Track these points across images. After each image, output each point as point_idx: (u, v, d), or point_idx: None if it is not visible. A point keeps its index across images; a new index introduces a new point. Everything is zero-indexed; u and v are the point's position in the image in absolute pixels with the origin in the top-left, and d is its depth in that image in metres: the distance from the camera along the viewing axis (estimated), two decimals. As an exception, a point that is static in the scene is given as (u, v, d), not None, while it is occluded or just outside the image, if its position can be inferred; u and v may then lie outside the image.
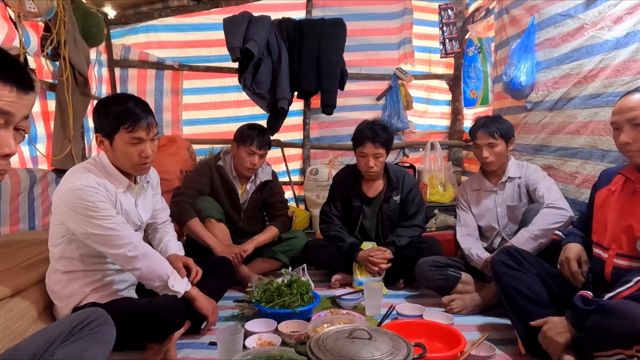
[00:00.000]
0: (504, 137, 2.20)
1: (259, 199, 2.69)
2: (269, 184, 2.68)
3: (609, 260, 1.53)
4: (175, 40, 3.74)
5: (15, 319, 1.47)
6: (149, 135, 1.64)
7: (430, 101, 4.29)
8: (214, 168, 2.57)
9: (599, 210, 1.62)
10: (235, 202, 2.60)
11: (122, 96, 1.72)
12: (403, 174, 2.60)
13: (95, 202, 1.54)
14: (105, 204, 1.57)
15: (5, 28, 2.29)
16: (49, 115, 2.76)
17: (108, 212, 1.57)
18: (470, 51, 3.53)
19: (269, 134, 2.60)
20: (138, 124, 1.60)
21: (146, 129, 1.62)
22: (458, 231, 2.38)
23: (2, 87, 0.81)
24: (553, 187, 2.15)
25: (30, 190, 2.34)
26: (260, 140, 2.47)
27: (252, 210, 2.68)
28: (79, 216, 1.53)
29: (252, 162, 2.48)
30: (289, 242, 2.67)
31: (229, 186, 2.57)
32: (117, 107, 1.60)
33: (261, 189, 2.67)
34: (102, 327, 1.23)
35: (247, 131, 2.49)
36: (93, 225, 1.54)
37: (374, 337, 1.34)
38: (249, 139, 2.45)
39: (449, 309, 2.11)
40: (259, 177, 2.63)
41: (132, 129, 1.59)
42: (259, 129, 2.54)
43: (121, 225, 1.59)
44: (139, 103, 1.64)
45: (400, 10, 3.91)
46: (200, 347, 1.77)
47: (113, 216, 1.59)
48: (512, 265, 1.73)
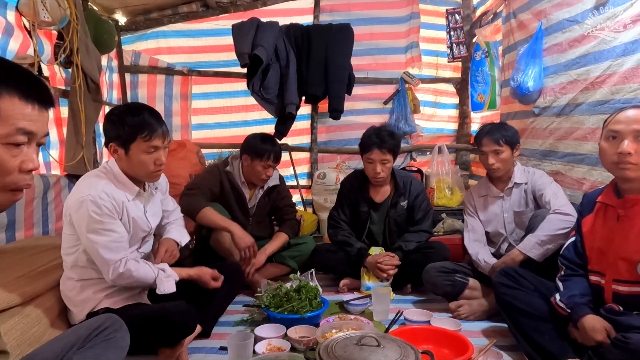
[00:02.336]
0: (509, 144, 2.21)
1: (267, 204, 2.72)
2: (277, 188, 2.71)
3: (607, 286, 1.52)
4: (185, 45, 3.78)
5: (32, 324, 1.51)
6: (164, 143, 1.69)
7: (437, 105, 4.29)
8: (223, 172, 2.59)
9: (588, 239, 1.61)
10: (243, 207, 2.63)
11: (136, 106, 1.75)
12: (410, 179, 2.62)
13: (99, 215, 1.58)
14: (110, 217, 1.62)
15: (21, 37, 2.34)
16: (61, 121, 2.81)
17: (110, 226, 1.61)
18: (478, 55, 3.53)
19: (278, 143, 2.62)
20: (155, 133, 1.65)
21: (162, 137, 1.67)
22: (465, 237, 2.39)
23: (25, 105, 0.84)
24: (559, 193, 2.15)
25: (44, 196, 2.39)
26: (276, 154, 2.51)
27: (261, 215, 2.71)
28: (84, 227, 1.58)
29: (267, 175, 2.53)
30: (298, 248, 2.69)
31: (238, 191, 2.60)
32: (134, 118, 1.64)
33: (269, 193, 2.69)
34: (116, 334, 1.27)
35: (262, 145, 2.48)
36: (90, 239, 1.59)
37: (382, 344, 1.36)
38: (265, 153, 2.45)
39: (457, 314, 2.12)
40: (267, 182, 2.65)
41: (149, 138, 1.64)
42: (271, 141, 2.55)
43: (116, 245, 1.62)
44: (153, 113, 1.69)
45: (407, 14, 3.93)
46: (211, 351, 1.80)
47: (114, 232, 1.62)
48: (511, 285, 1.75)
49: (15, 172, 0.85)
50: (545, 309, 1.66)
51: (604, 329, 1.43)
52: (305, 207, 3.90)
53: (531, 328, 1.65)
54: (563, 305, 1.57)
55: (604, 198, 1.58)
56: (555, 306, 1.61)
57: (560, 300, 1.59)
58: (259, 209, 2.68)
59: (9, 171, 0.84)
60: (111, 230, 1.61)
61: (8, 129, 0.82)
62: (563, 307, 1.57)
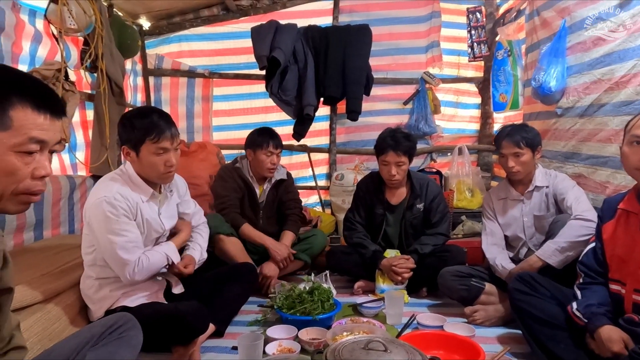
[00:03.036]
0: (530, 146, 2.15)
1: (275, 198, 2.77)
2: (284, 182, 2.78)
3: (627, 296, 1.46)
4: (206, 48, 3.86)
5: (53, 321, 1.58)
6: (173, 145, 1.73)
7: (459, 105, 4.22)
8: (233, 170, 2.67)
9: (609, 246, 1.55)
10: (254, 201, 2.69)
11: (145, 109, 1.80)
12: (427, 181, 2.59)
13: (115, 215, 1.64)
14: (126, 217, 1.67)
15: (48, 44, 2.45)
16: (87, 124, 2.92)
17: (126, 226, 1.66)
18: (500, 54, 3.45)
19: (278, 134, 2.69)
20: (163, 135, 1.68)
21: (170, 139, 1.71)
22: (483, 240, 2.34)
23: (37, 115, 0.88)
24: (582, 197, 2.08)
25: (70, 196, 2.49)
26: (275, 141, 2.59)
27: (270, 209, 2.77)
28: (102, 228, 1.64)
29: (272, 162, 2.59)
30: (308, 241, 2.74)
31: (248, 187, 2.67)
32: (143, 120, 1.68)
33: (277, 187, 2.76)
34: (129, 332, 1.31)
35: (259, 137, 2.61)
36: (109, 239, 1.64)
37: (389, 349, 1.36)
38: (264, 143, 2.57)
39: (472, 320, 2.09)
40: (275, 177, 2.72)
41: (157, 140, 1.68)
42: (268, 131, 2.66)
43: (133, 244, 1.68)
44: (162, 115, 1.73)
45: (428, 13, 3.88)
46: (223, 351, 1.83)
47: (129, 231, 1.67)
48: (526, 291, 1.71)
49: (28, 179, 0.89)
50: (562, 317, 1.61)
51: (621, 340, 1.38)
52: (324, 208, 3.91)
53: (546, 336, 1.61)
54: (580, 314, 1.52)
55: (626, 205, 1.52)
56: (571, 315, 1.55)
57: (577, 309, 1.53)
58: (268, 203, 2.74)
59: (22, 178, 0.88)
60: (127, 230, 1.66)
61: (21, 138, 0.86)
62: (580, 317, 1.52)
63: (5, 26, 2.08)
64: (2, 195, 0.87)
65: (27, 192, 0.90)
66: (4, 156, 0.85)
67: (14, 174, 0.87)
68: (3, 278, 1.02)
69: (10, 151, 0.86)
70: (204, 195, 3.33)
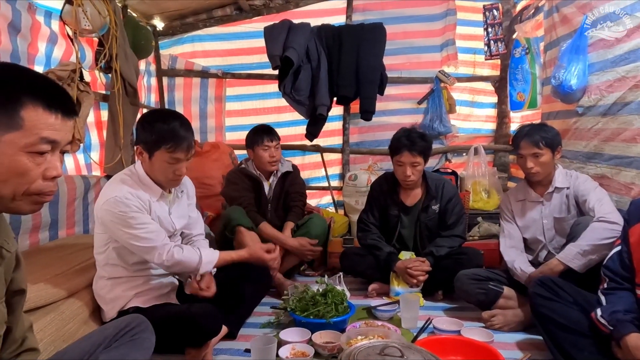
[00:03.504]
0: (549, 146, 2.08)
1: (282, 190, 2.81)
2: (290, 174, 2.81)
3: None
4: (219, 49, 3.85)
5: (67, 321, 1.58)
6: (187, 156, 1.71)
7: (474, 104, 4.14)
8: (239, 171, 2.73)
9: (636, 250, 1.47)
10: (262, 195, 2.74)
11: (168, 114, 1.78)
12: (442, 182, 2.54)
13: (129, 213, 1.63)
14: (139, 213, 1.66)
15: (64, 45, 2.47)
16: (101, 124, 2.93)
17: (142, 219, 1.66)
18: (517, 52, 3.37)
19: (274, 128, 2.75)
20: (179, 147, 1.67)
21: (186, 150, 1.69)
22: (502, 243, 2.28)
23: (49, 115, 0.87)
24: (605, 199, 2.01)
25: (85, 196, 2.51)
26: (268, 135, 2.66)
27: (277, 202, 2.81)
28: (118, 226, 1.64)
29: (270, 155, 2.65)
30: (306, 225, 2.74)
31: (256, 183, 2.72)
32: (163, 126, 1.66)
33: (283, 180, 2.80)
34: (142, 334, 1.30)
35: (253, 135, 2.71)
36: (129, 235, 1.64)
37: (405, 355, 1.32)
38: (258, 139, 2.65)
39: (490, 324, 2.03)
40: (280, 170, 2.77)
41: (173, 150, 1.67)
42: (261, 128, 2.73)
43: (155, 233, 1.68)
44: (183, 124, 1.71)
45: (443, 11, 3.81)
46: (236, 353, 1.81)
47: (148, 223, 1.67)
48: (548, 296, 1.65)
49: (39, 179, 0.88)
50: (585, 324, 1.55)
51: None
52: (337, 208, 3.87)
53: (569, 343, 1.55)
54: (605, 321, 1.46)
55: None
56: (595, 322, 1.49)
57: (601, 316, 1.47)
58: (276, 196, 2.79)
59: (33, 179, 0.87)
60: (144, 223, 1.66)
61: (32, 138, 0.85)
62: (605, 324, 1.45)
63: (22, 27, 2.10)
64: (14, 196, 0.87)
65: (39, 193, 0.89)
66: (15, 156, 0.84)
67: (26, 175, 0.86)
68: (16, 279, 1.02)
69: (21, 151, 0.85)
70: (217, 195, 3.32)
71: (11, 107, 0.83)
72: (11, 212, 0.91)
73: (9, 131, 0.83)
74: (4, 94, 0.83)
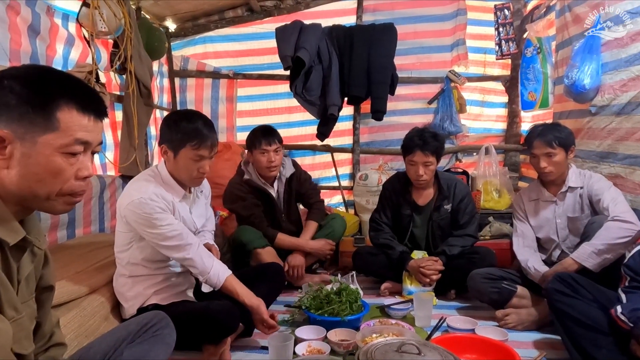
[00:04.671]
0: (563, 146, 2.08)
1: (290, 194, 2.73)
2: (294, 175, 2.70)
3: None
4: (231, 50, 3.89)
5: (89, 317, 1.61)
6: (211, 154, 1.75)
7: (485, 104, 4.14)
8: (244, 183, 2.58)
9: None
10: (273, 204, 2.65)
11: (192, 114, 1.80)
12: (455, 182, 2.54)
13: (154, 214, 1.66)
14: (164, 213, 1.69)
15: (80, 47, 2.51)
16: (116, 125, 2.98)
17: (168, 220, 1.68)
18: (529, 52, 3.36)
19: (276, 130, 2.59)
20: (204, 144, 1.71)
21: (210, 148, 1.73)
22: (515, 242, 2.29)
23: (82, 116, 0.90)
24: (619, 199, 2.01)
25: (101, 195, 2.54)
26: (266, 138, 2.48)
27: (289, 207, 2.75)
28: (143, 227, 1.67)
29: (269, 160, 2.48)
30: (329, 225, 2.73)
31: (263, 192, 2.61)
32: (188, 125, 1.71)
33: (289, 183, 2.71)
34: (164, 330, 1.33)
35: (252, 137, 2.54)
36: (155, 234, 1.67)
37: (423, 352, 1.34)
38: (256, 142, 2.50)
39: (503, 323, 2.03)
40: (284, 174, 2.66)
41: (197, 147, 1.70)
42: (261, 129, 2.56)
43: (180, 232, 1.70)
44: (206, 123, 1.75)
45: (453, 11, 3.81)
46: (253, 350, 1.84)
47: (172, 223, 1.70)
48: (567, 293, 1.64)
49: (72, 179, 0.90)
50: (604, 321, 1.54)
51: None
52: (347, 208, 3.89)
53: (587, 340, 1.54)
54: (625, 318, 1.45)
55: None
56: (615, 319, 1.49)
57: (621, 312, 1.47)
58: (285, 201, 2.72)
59: (67, 179, 0.90)
60: (169, 223, 1.69)
61: (67, 139, 0.88)
62: (625, 321, 1.45)
63: (41, 30, 2.14)
64: (48, 196, 0.89)
65: (72, 193, 0.92)
66: (51, 157, 0.87)
67: (60, 175, 0.88)
68: (45, 276, 1.05)
69: (57, 152, 0.87)
70: (229, 195, 3.35)
71: (48, 109, 0.86)
72: (45, 211, 0.94)
73: (45, 132, 0.86)
74: (41, 96, 0.85)
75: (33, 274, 0.99)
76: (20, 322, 0.89)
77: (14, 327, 0.85)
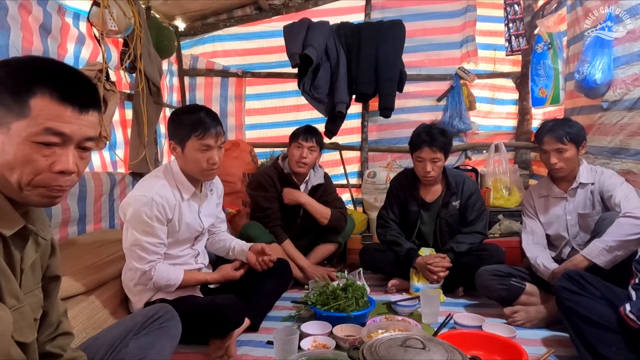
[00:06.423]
0: (574, 142, 2.05)
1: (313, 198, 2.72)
2: (322, 186, 2.73)
3: None
4: (239, 48, 3.90)
5: (97, 311, 1.64)
6: (217, 142, 1.75)
7: (495, 101, 4.09)
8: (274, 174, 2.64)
9: None
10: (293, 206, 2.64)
11: (194, 107, 1.85)
12: (463, 178, 2.52)
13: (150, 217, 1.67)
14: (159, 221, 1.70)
15: (91, 46, 2.54)
16: (126, 123, 3.01)
17: (156, 231, 1.70)
18: (539, 48, 3.31)
19: (319, 133, 2.67)
20: (207, 132, 1.72)
21: (215, 136, 1.74)
22: (524, 239, 2.26)
23: (58, 105, 0.83)
24: (632, 195, 1.97)
25: (111, 192, 2.58)
26: (305, 134, 2.59)
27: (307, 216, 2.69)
28: (133, 221, 1.68)
29: (300, 155, 2.56)
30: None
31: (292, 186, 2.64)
32: (190, 117, 1.73)
33: (314, 192, 2.71)
34: (169, 322, 1.34)
35: (295, 131, 2.67)
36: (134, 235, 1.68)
37: (427, 347, 1.32)
38: (295, 135, 2.62)
39: (512, 321, 2.01)
40: (311, 181, 2.69)
41: (202, 137, 1.71)
42: (305, 126, 2.68)
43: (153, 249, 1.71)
44: (209, 113, 1.77)
45: (463, 7, 3.78)
46: (258, 345, 1.85)
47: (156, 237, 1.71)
48: (575, 290, 1.62)
49: (46, 172, 0.84)
50: (613, 319, 1.52)
51: None
52: (355, 206, 3.88)
53: (596, 338, 1.52)
54: (634, 317, 1.43)
55: None
56: (624, 317, 1.46)
57: (630, 311, 1.44)
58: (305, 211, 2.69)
59: (38, 170, 0.84)
60: (155, 234, 1.70)
61: (36, 127, 0.82)
62: (634, 320, 1.42)
63: (52, 29, 2.17)
64: (20, 185, 0.84)
65: (45, 186, 0.86)
66: (21, 145, 0.82)
67: (29, 165, 0.83)
68: (51, 266, 1.06)
69: (26, 140, 0.82)
70: (237, 192, 3.37)
71: (23, 95, 0.82)
72: (23, 203, 0.88)
73: (18, 119, 0.82)
74: (17, 82, 0.82)
75: (39, 263, 1.00)
76: (21, 310, 0.88)
77: (15, 315, 0.85)
